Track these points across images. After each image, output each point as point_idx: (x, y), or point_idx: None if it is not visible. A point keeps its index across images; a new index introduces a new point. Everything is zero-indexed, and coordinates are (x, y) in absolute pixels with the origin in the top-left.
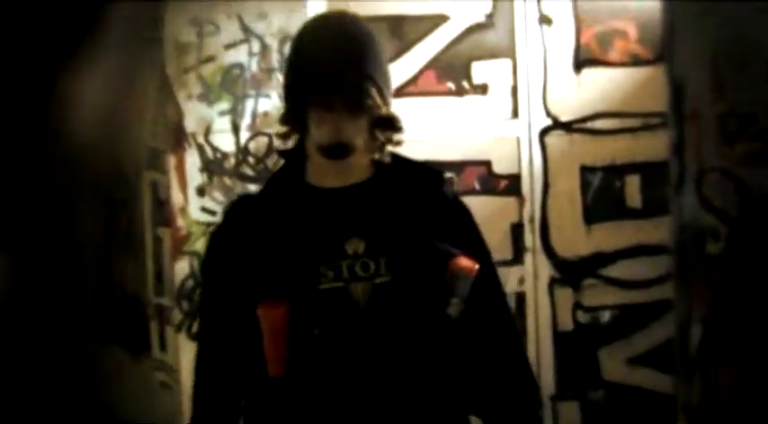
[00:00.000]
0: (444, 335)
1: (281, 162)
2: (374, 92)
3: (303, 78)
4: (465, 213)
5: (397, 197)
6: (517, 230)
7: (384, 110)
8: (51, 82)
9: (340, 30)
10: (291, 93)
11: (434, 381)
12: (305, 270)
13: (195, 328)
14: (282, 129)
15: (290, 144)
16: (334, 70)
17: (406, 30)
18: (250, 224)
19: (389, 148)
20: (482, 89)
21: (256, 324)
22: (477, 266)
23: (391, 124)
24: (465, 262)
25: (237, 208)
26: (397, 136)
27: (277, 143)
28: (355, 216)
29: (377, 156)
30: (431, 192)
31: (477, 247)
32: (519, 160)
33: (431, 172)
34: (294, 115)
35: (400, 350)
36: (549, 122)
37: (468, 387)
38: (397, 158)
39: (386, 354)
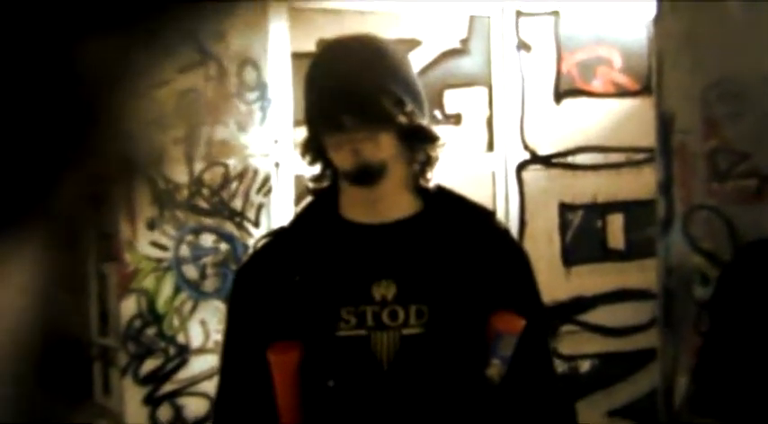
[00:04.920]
0: (480, 401)
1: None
2: (390, 103)
3: (313, 101)
4: (520, 257)
5: (440, 237)
6: None
7: (407, 121)
8: None
9: (350, 48)
10: (307, 120)
11: None
12: (322, 313)
13: (142, 371)
14: (311, 165)
15: (324, 184)
16: (340, 85)
17: None
18: (278, 260)
19: (432, 176)
20: (455, 119)
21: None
22: (522, 322)
23: (421, 136)
24: (509, 317)
25: (267, 244)
26: (433, 150)
27: (311, 185)
28: (388, 255)
29: (421, 182)
30: (479, 232)
31: (528, 299)
32: (494, 196)
33: (477, 209)
34: (313, 144)
35: (426, 416)
36: (526, 156)
37: None
38: (447, 193)
39: (409, 419)
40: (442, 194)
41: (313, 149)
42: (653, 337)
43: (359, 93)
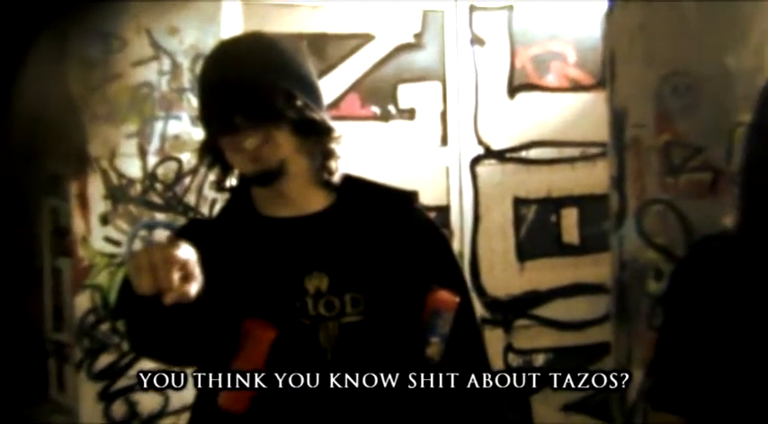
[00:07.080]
0: (422, 381)
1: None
2: (280, 100)
3: (204, 102)
4: (440, 237)
5: (362, 224)
6: None
7: (297, 116)
8: None
9: (238, 47)
10: (201, 122)
11: None
12: (268, 306)
13: (97, 367)
14: (210, 170)
15: (232, 180)
16: (229, 85)
17: (328, 49)
18: (204, 248)
19: (335, 165)
20: (409, 114)
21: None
22: (457, 299)
23: (315, 129)
24: (445, 295)
25: (191, 229)
26: (330, 143)
27: (215, 190)
28: (315, 247)
29: (325, 176)
30: (400, 216)
31: (453, 276)
32: (448, 191)
33: (399, 194)
34: (210, 146)
35: (372, 400)
36: (480, 151)
37: None
38: (357, 180)
39: (356, 405)
40: (353, 183)
41: (210, 152)
42: (607, 331)
43: (248, 92)
